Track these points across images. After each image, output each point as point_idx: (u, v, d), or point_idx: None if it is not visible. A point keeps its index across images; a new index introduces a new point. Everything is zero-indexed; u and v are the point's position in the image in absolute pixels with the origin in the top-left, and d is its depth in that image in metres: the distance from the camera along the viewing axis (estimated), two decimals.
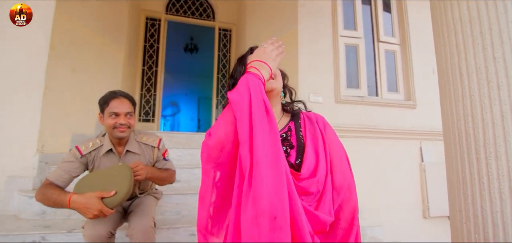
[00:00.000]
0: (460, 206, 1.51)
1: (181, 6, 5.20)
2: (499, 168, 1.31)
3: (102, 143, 1.58)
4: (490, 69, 1.37)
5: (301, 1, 3.34)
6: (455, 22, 1.53)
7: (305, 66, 3.25)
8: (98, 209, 1.29)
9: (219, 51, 5.32)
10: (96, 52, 3.10)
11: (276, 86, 1.02)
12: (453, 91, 1.52)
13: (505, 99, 1.32)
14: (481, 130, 1.38)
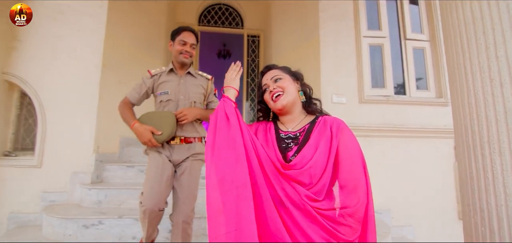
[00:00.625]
0: (468, 200, 1.57)
1: (212, 17, 5.57)
2: (503, 163, 1.37)
3: (166, 68, 1.97)
4: (493, 68, 1.43)
5: (322, 6, 3.46)
6: (460, 23, 1.61)
7: (327, 69, 3.37)
8: (148, 138, 1.73)
9: (248, 57, 5.60)
10: (138, 65, 3.54)
11: (286, 101, 1.18)
12: (460, 90, 1.59)
13: (508, 96, 1.38)
14: (485, 126, 1.44)
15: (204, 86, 2.03)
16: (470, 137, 1.54)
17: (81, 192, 2.63)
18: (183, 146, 1.90)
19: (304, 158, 1.07)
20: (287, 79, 1.22)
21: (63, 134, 2.91)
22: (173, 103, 1.91)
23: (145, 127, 1.76)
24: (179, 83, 1.93)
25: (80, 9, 3.16)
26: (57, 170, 2.83)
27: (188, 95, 1.94)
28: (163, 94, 1.91)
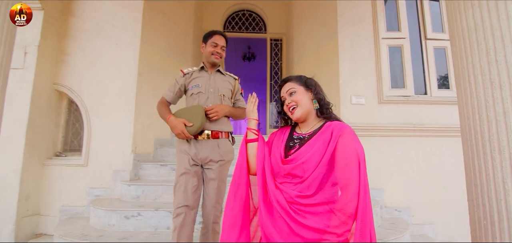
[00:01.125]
0: (472, 196, 1.67)
1: (236, 23, 5.83)
2: (502, 160, 1.48)
3: (197, 68, 2.17)
4: (493, 71, 1.53)
5: (340, 11, 3.59)
6: (463, 29, 1.71)
7: (346, 71, 3.49)
8: (181, 129, 1.90)
9: (271, 60, 5.80)
10: (169, 73, 3.86)
11: (300, 114, 1.35)
12: (464, 92, 1.69)
13: (507, 98, 1.48)
14: (486, 126, 1.55)
15: (232, 84, 2.20)
16: (472, 137, 1.64)
17: (121, 188, 2.97)
18: (210, 142, 2.00)
19: (300, 154, 1.25)
20: (300, 92, 1.37)
21: (105, 136, 3.28)
22: (203, 96, 2.07)
23: (179, 119, 1.93)
24: (210, 78, 2.11)
25: (117, 24, 3.53)
26: (101, 169, 3.21)
27: (217, 89, 2.09)
28: (194, 88, 2.08)
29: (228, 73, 2.25)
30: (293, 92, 1.39)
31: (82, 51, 3.46)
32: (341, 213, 1.12)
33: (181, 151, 2.01)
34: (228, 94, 2.16)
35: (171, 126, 1.98)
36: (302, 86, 1.40)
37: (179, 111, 2.00)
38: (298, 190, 1.20)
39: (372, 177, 3.22)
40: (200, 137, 1.99)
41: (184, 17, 4.54)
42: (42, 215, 3.16)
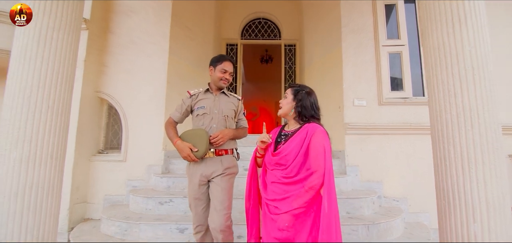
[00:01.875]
0: (437, 182, 2.07)
1: (252, 31, 6.31)
2: (455, 153, 1.88)
3: (203, 90, 2.30)
4: (450, 82, 1.93)
5: (344, 22, 3.97)
6: (430, 47, 2.10)
7: (349, 76, 3.88)
8: (187, 153, 2.04)
9: (286, 64, 6.24)
10: (193, 80, 4.40)
11: (279, 113, 1.90)
12: (431, 98, 2.08)
13: (459, 103, 1.88)
14: (445, 126, 1.95)
15: (235, 105, 2.32)
16: (436, 134, 2.05)
17: (155, 180, 3.53)
18: (215, 158, 2.15)
19: (284, 149, 1.73)
20: (288, 99, 1.85)
21: (140, 136, 3.86)
22: (208, 117, 2.19)
23: (185, 143, 2.06)
24: (214, 100, 2.24)
25: (148, 39, 4.10)
26: (137, 163, 3.79)
27: (221, 110, 2.22)
28: (200, 109, 2.20)
29: (232, 94, 2.37)
30: (285, 97, 1.87)
31: (119, 63, 4.05)
32: (309, 188, 1.59)
33: (190, 174, 2.20)
34: (232, 114, 2.28)
35: (178, 149, 2.11)
36: (292, 95, 1.85)
37: (184, 134, 2.13)
38: (284, 174, 1.68)
39: (372, 170, 3.63)
40: (206, 156, 2.13)
41: (204, 29, 5.07)
42: (89, 203, 3.78)
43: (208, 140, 2.09)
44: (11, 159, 1.95)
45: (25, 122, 1.99)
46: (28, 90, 2.03)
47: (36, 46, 2.10)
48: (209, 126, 2.19)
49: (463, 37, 1.91)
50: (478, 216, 1.77)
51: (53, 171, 2.11)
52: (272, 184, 1.72)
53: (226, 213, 2.07)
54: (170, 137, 2.22)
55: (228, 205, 2.11)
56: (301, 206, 1.58)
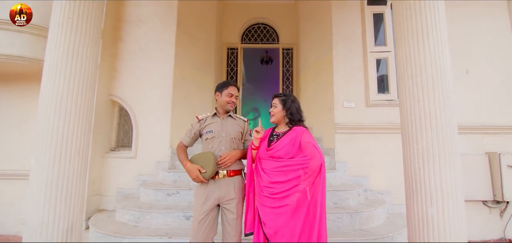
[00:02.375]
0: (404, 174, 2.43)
1: (252, 35, 6.67)
2: (417, 149, 2.24)
3: (210, 114, 2.42)
4: (414, 89, 2.29)
5: (335, 30, 4.33)
6: (400, 58, 2.47)
7: (339, 80, 4.24)
8: (196, 175, 2.16)
9: (283, 67, 6.60)
10: (197, 84, 4.78)
11: (272, 121, 2.26)
12: (402, 101, 2.44)
13: (421, 108, 2.24)
14: (410, 126, 2.32)
15: (242, 126, 2.44)
16: (405, 133, 2.40)
17: (162, 175, 3.91)
18: (227, 180, 2.25)
19: (277, 146, 2.11)
20: (278, 108, 2.23)
21: (149, 135, 4.25)
22: (216, 140, 2.30)
23: (194, 165, 2.19)
24: (222, 123, 2.35)
25: (155, 46, 4.47)
26: (146, 160, 4.17)
27: (229, 133, 2.33)
28: (209, 133, 2.32)
29: (237, 116, 2.49)
30: (274, 106, 2.24)
31: (128, 68, 4.43)
32: (309, 170, 1.96)
33: (198, 194, 2.27)
34: (239, 136, 2.39)
35: (187, 171, 2.22)
36: (281, 105, 2.24)
37: (194, 158, 2.26)
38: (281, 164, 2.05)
39: (359, 166, 4.00)
40: (217, 177, 2.23)
41: (207, 35, 5.45)
42: (103, 195, 4.17)
43: (216, 161, 2.21)
44: (46, 155, 2.34)
45: (57, 124, 2.37)
46: (59, 96, 2.41)
47: (65, 59, 2.47)
48: (218, 149, 2.29)
49: (425, 51, 2.28)
50: (435, 201, 2.13)
51: (80, 165, 2.49)
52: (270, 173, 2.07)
53: (240, 232, 2.24)
54: (180, 159, 2.32)
55: (241, 231, 2.25)
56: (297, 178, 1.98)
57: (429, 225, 2.16)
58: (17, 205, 4.07)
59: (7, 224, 4.09)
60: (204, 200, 2.21)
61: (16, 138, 4.25)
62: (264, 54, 9.42)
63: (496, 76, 4.36)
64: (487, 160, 4.12)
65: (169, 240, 2.81)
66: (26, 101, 4.28)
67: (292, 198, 1.95)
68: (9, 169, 4.16)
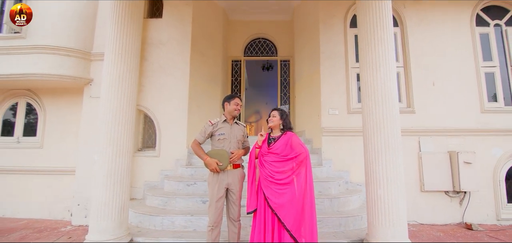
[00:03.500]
0: (365, 166, 3.32)
1: (253, 49, 7.58)
2: (371, 147, 3.14)
3: (221, 120, 3.14)
4: (370, 104, 3.18)
5: (322, 49, 5.23)
6: (363, 81, 3.35)
7: (326, 91, 5.13)
8: (214, 167, 2.87)
9: (281, 77, 7.50)
10: (207, 94, 5.70)
11: (271, 125, 3.10)
12: (364, 111, 3.33)
13: (374, 118, 3.14)
14: (368, 130, 3.21)
15: (243, 131, 3.22)
16: (366, 135, 3.28)
17: (181, 170, 4.83)
18: (233, 171, 3.02)
19: (275, 146, 2.99)
20: (276, 119, 3.08)
21: (169, 138, 5.17)
22: (227, 141, 3.05)
23: (213, 159, 2.92)
24: (230, 128, 3.11)
25: (173, 64, 5.38)
26: (168, 158, 5.09)
27: (235, 136, 3.10)
28: (221, 135, 3.05)
29: (240, 123, 3.27)
30: (273, 116, 3.11)
31: (151, 83, 5.35)
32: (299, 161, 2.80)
33: (212, 181, 2.96)
34: (241, 138, 3.16)
35: (207, 163, 2.93)
36: (279, 116, 3.10)
37: (211, 153, 2.98)
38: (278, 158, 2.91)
39: (342, 162, 4.89)
40: (227, 169, 2.99)
41: (215, 52, 6.36)
42: (133, 187, 5.08)
43: (228, 157, 2.97)
44: (106, 153, 3.26)
45: (113, 129, 3.31)
46: (113, 109, 3.34)
47: (117, 83, 3.40)
48: (228, 147, 3.03)
49: (378, 77, 3.17)
50: (382, 185, 3.03)
51: (127, 161, 3.42)
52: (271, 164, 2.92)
53: (239, 208, 3.06)
54: (199, 154, 2.98)
55: (240, 207, 3.06)
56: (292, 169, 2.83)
57: (379, 202, 3.05)
58: (63, 196, 5.03)
59: (55, 211, 5.05)
60: (218, 186, 2.94)
61: (61, 141, 5.21)
62: (265, 61, 10.35)
63: (457, 88, 5.22)
64: (449, 157, 4.99)
65: (191, 217, 3.72)
66: (70, 111, 5.24)
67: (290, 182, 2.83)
68: (56, 167, 5.12)
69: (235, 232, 3.02)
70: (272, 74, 10.53)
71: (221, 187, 2.96)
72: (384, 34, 3.21)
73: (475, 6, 5.53)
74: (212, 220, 2.91)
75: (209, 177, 3.05)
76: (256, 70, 10.66)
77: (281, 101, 7.45)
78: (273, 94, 11.97)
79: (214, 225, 2.91)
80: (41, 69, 4.66)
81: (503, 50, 5.53)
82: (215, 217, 2.91)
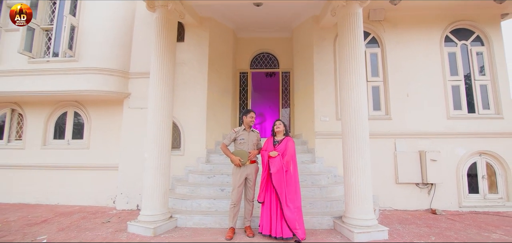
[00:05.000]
0: (343, 160, 4.49)
1: (258, 62, 8.76)
2: (347, 147, 4.32)
3: (241, 128, 4.29)
4: (346, 115, 4.35)
5: (315, 67, 6.39)
6: (341, 98, 4.51)
7: (319, 102, 6.29)
8: (238, 163, 4.07)
9: (282, 86, 8.66)
10: (220, 103, 6.89)
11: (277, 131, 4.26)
12: (342, 122, 4.49)
13: (348, 126, 4.32)
14: (345, 136, 4.37)
15: (257, 136, 4.38)
16: (344, 138, 4.45)
17: (202, 166, 6.02)
18: (250, 165, 4.18)
19: (279, 148, 4.16)
20: (281, 126, 4.26)
21: (191, 140, 6.36)
22: (246, 144, 4.21)
23: (236, 157, 4.09)
24: (248, 135, 4.29)
25: (194, 80, 6.56)
26: (190, 156, 6.28)
27: (251, 140, 4.26)
28: (242, 140, 4.23)
29: (255, 130, 4.42)
30: (279, 125, 4.27)
31: (177, 96, 6.52)
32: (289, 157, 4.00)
33: (235, 173, 4.13)
34: (256, 142, 4.35)
35: (232, 160, 4.12)
36: (283, 126, 4.27)
37: (235, 152, 4.18)
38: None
39: (331, 159, 6.05)
40: (246, 164, 4.14)
41: (226, 67, 7.54)
42: None
43: (247, 155, 4.19)
44: (153, 152, 4.46)
45: (158, 134, 4.50)
46: (158, 121, 4.54)
47: (160, 100, 4.60)
48: (247, 148, 4.23)
49: (352, 95, 4.32)
50: (354, 174, 4.19)
51: (167, 158, 4.62)
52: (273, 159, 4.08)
53: (254, 192, 4.26)
54: (226, 153, 4.22)
55: (254, 192, 4.28)
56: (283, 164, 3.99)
57: (352, 187, 4.21)
58: (106, 187, 6.25)
59: (100, 199, 6.28)
60: (239, 176, 4.13)
61: (104, 143, 6.44)
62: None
63: (428, 98, 6.35)
64: (419, 156, 6.12)
65: (214, 200, 4.91)
66: (110, 119, 6.47)
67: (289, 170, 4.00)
68: (100, 164, 6.36)
69: (250, 209, 4.24)
70: (275, 80, 11.70)
71: (242, 177, 4.14)
72: (357, 65, 4.36)
73: (445, 28, 6.64)
74: (234, 200, 4.10)
75: (233, 169, 4.23)
76: (260, 77, 11.82)
77: (282, 106, 8.62)
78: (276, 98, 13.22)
79: (235, 203, 4.10)
80: (92, 86, 5.89)
81: (468, 66, 6.65)
82: (237, 198, 4.10)
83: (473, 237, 4.16)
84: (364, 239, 3.88)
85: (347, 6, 4.59)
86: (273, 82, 12.06)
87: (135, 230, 4.21)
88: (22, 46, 5.96)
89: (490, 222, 5.10)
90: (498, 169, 6.25)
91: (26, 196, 6.45)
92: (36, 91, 6.04)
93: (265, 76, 11.95)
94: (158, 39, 4.71)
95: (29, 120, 6.73)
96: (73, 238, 4.01)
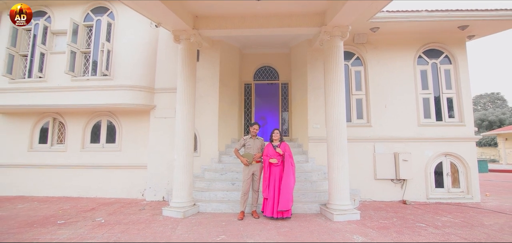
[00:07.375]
0: (328, 160, 5.82)
1: (261, 74, 10.05)
2: (330, 149, 5.64)
3: (248, 136, 5.79)
4: (331, 125, 5.68)
5: (309, 82, 7.69)
6: (326, 113, 5.84)
7: (311, 112, 7.59)
8: (246, 163, 5.52)
9: (282, 96, 9.95)
10: (229, 112, 8.20)
11: (275, 138, 5.60)
12: (327, 130, 5.81)
13: (331, 134, 5.64)
14: (329, 141, 5.69)
15: (261, 142, 5.72)
16: (329, 142, 5.77)
17: (215, 165, 7.32)
18: (256, 164, 5.53)
19: (280, 147, 5.49)
20: (278, 135, 5.59)
21: (206, 143, 7.67)
22: (251, 148, 5.55)
23: (244, 158, 5.45)
24: (254, 141, 5.65)
25: (207, 94, 7.86)
26: (205, 157, 7.59)
27: (256, 145, 5.61)
28: (249, 145, 5.58)
29: (259, 137, 5.78)
30: (277, 133, 5.60)
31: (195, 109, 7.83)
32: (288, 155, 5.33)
33: (245, 170, 5.48)
34: (260, 147, 5.64)
35: (242, 161, 5.50)
36: (279, 134, 5.61)
37: (243, 154, 5.51)
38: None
39: (322, 160, 7.35)
40: (252, 163, 5.50)
41: (233, 81, 8.84)
42: None
43: (253, 157, 5.58)
44: (181, 154, 5.79)
45: (184, 141, 5.83)
46: (185, 130, 5.86)
47: (185, 115, 5.92)
48: (253, 151, 5.56)
49: (334, 111, 5.64)
50: (335, 171, 5.50)
51: (191, 158, 5.93)
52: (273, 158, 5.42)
53: (259, 184, 5.64)
54: (237, 156, 5.59)
55: (259, 186, 5.69)
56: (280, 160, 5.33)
57: (333, 181, 5.52)
58: (136, 183, 7.58)
59: (131, 193, 7.60)
60: (247, 172, 5.52)
61: (133, 146, 7.76)
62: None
63: (402, 109, 7.65)
64: (393, 156, 7.42)
65: (227, 192, 6.22)
66: (138, 126, 7.79)
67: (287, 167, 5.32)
68: (130, 164, 7.68)
69: (255, 198, 5.59)
70: (275, 89, 12.98)
71: (249, 173, 5.49)
72: (338, 88, 5.66)
73: (418, 49, 7.93)
74: (244, 191, 5.46)
75: (243, 168, 5.59)
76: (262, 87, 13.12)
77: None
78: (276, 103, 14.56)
79: (245, 193, 5.45)
80: (124, 100, 7.21)
81: (437, 81, 7.94)
82: (246, 189, 5.46)
83: (426, 219, 5.46)
84: (341, 219, 5.18)
85: (331, 40, 5.89)
86: (274, 90, 13.40)
87: (169, 214, 5.53)
88: (67, 67, 7.28)
89: (447, 210, 6.39)
90: (460, 168, 7.54)
91: (69, 190, 7.78)
92: (78, 105, 7.36)
93: (266, 85, 13.32)
94: (183, 67, 6.01)
95: (69, 127, 8.06)
96: (122, 220, 5.33)
